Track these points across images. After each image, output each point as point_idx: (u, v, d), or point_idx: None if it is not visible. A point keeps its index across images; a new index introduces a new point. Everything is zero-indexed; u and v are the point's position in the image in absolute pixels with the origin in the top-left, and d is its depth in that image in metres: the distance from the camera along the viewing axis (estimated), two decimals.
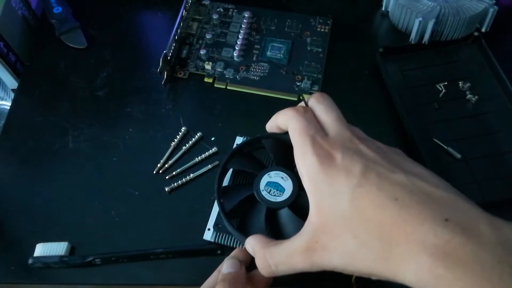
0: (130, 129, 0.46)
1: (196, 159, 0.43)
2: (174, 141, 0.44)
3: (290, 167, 0.35)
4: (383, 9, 0.53)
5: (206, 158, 0.44)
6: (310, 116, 0.31)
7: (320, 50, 0.50)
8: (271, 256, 0.30)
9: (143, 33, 0.53)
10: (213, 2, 0.54)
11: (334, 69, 0.49)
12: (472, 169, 0.42)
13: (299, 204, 0.33)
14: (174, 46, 0.48)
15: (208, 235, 0.38)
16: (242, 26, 0.51)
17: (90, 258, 0.38)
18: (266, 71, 0.49)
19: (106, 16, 0.53)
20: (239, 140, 0.42)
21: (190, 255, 0.39)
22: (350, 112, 0.46)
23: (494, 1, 0.49)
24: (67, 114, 0.47)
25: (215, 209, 0.39)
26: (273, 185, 0.34)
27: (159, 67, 0.46)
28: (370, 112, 0.46)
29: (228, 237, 0.37)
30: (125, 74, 0.49)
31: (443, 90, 0.47)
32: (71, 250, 0.39)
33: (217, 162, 0.43)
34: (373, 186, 0.27)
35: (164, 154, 0.44)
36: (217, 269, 0.36)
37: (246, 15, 0.52)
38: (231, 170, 0.39)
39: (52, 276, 0.38)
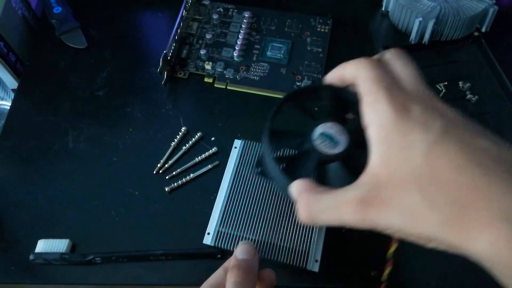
0: (130, 129, 0.46)
1: (196, 159, 0.43)
2: (174, 141, 0.44)
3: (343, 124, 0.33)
4: (383, 9, 0.53)
5: (206, 158, 0.44)
6: (385, 68, 0.29)
7: (320, 50, 0.50)
8: (317, 202, 0.28)
9: (143, 33, 0.53)
10: (213, 2, 0.54)
11: None
12: None
13: (351, 163, 0.31)
14: (174, 46, 0.48)
15: (208, 239, 0.38)
16: (242, 26, 0.51)
17: (91, 257, 0.38)
18: (266, 71, 0.49)
19: (106, 16, 0.53)
20: (237, 143, 0.42)
21: (190, 258, 0.39)
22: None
23: (494, 1, 0.49)
24: (67, 114, 0.47)
25: (215, 211, 0.39)
26: (327, 136, 0.32)
27: (159, 67, 0.46)
28: None
29: (228, 241, 0.37)
30: (125, 74, 0.49)
31: (443, 90, 0.47)
32: (72, 248, 0.39)
33: (217, 162, 0.43)
34: (454, 146, 0.25)
35: (164, 154, 0.44)
36: (222, 266, 0.36)
37: (246, 15, 0.52)
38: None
39: (52, 276, 0.38)
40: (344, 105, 0.33)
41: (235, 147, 0.42)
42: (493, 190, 0.24)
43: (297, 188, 0.29)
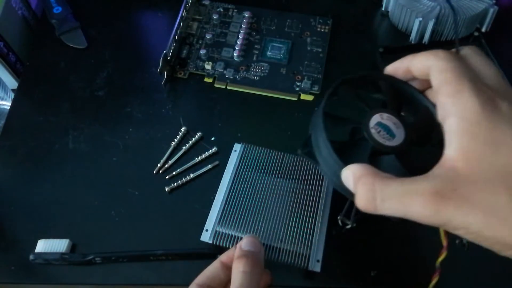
0: (130, 129, 0.46)
1: (196, 159, 0.43)
2: (174, 141, 0.44)
3: None
4: (383, 9, 0.53)
5: (206, 158, 0.44)
6: (465, 61, 0.28)
7: (320, 50, 0.50)
8: (381, 187, 0.26)
9: (143, 33, 0.53)
10: (213, 2, 0.54)
11: (334, 69, 0.49)
12: None
13: (407, 159, 0.30)
14: (174, 46, 0.48)
15: (206, 236, 0.38)
16: (242, 26, 0.51)
17: (91, 257, 0.38)
18: (266, 71, 0.49)
19: (106, 16, 0.53)
20: (237, 146, 0.43)
21: (190, 258, 0.39)
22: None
23: (494, 1, 0.49)
24: (67, 114, 0.47)
25: (214, 209, 0.39)
26: (384, 127, 0.30)
27: (159, 67, 0.46)
28: None
29: (226, 239, 0.37)
30: (125, 74, 0.49)
31: None
32: (72, 248, 0.39)
33: (217, 162, 0.43)
34: None
35: (164, 154, 0.44)
36: (218, 259, 0.35)
37: (246, 15, 0.52)
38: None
39: (52, 276, 0.38)
40: (401, 99, 0.31)
41: (235, 150, 0.43)
42: None
43: (357, 172, 0.27)
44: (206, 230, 0.38)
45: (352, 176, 0.27)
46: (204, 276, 0.34)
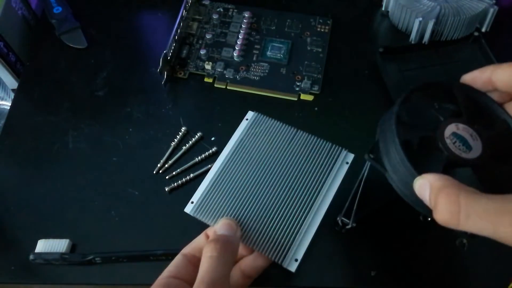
0: (130, 129, 0.46)
1: (196, 159, 0.43)
2: (174, 141, 0.44)
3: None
4: (383, 9, 0.53)
5: (206, 158, 0.44)
6: None
7: (320, 50, 0.50)
8: (468, 202, 0.24)
9: (143, 33, 0.53)
10: (213, 2, 0.54)
11: (334, 69, 0.49)
12: None
13: (484, 174, 0.28)
14: (174, 46, 0.48)
15: (189, 208, 0.36)
16: (242, 26, 0.51)
17: (91, 257, 0.38)
18: (266, 71, 0.49)
19: (106, 16, 0.53)
20: (250, 114, 0.40)
21: None
22: (350, 112, 0.47)
23: (494, 1, 0.49)
24: (67, 114, 0.47)
25: (205, 181, 0.36)
26: (460, 138, 0.28)
27: (159, 67, 0.46)
28: (370, 112, 0.46)
29: (210, 215, 0.35)
30: (125, 74, 0.49)
31: None
32: (72, 248, 0.39)
33: None
34: None
35: (164, 154, 0.44)
36: (204, 231, 0.35)
37: (246, 15, 0.52)
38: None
39: (52, 276, 0.38)
40: (478, 112, 0.30)
41: (247, 119, 0.40)
42: None
43: (437, 182, 0.25)
44: (192, 202, 0.36)
45: (430, 186, 0.25)
46: (190, 247, 0.34)
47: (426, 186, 0.25)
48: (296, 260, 0.34)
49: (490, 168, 0.28)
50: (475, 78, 0.30)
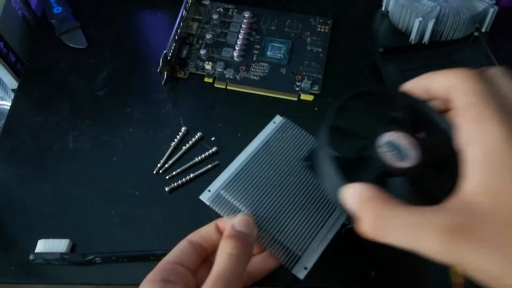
0: (130, 129, 0.46)
1: (196, 159, 0.43)
2: (174, 141, 0.44)
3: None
4: (383, 9, 0.53)
5: (206, 158, 0.44)
6: (491, 83, 0.25)
7: (320, 50, 0.50)
8: (391, 215, 0.23)
9: (143, 33, 0.53)
10: (213, 2, 0.54)
11: (334, 69, 0.49)
12: None
13: (421, 184, 0.27)
14: (174, 46, 0.48)
15: (206, 196, 0.35)
16: (242, 26, 0.51)
17: (91, 257, 0.38)
18: (266, 71, 0.49)
19: (106, 16, 0.53)
20: (278, 119, 0.39)
21: None
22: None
23: (494, 1, 0.49)
24: (67, 114, 0.47)
25: (225, 173, 0.36)
26: (395, 147, 0.28)
27: (159, 67, 0.46)
28: None
29: (225, 206, 0.34)
30: (125, 74, 0.49)
31: None
32: (72, 248, 0.39)
33: (217, 162, 0.43)
34: None
35: (164, 154, 0.44)
36: (214, 222, 0.34)
37: (246, 15, 0.52)
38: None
39: (52, 276, 0.38)
40: (419, 120, 0.29)
41: (274, 122, 0.39)
42: None
43: (363, 193, 0.24)
44: (209, 191, 0.35)
45: (357, 196, 0.25)
46: (198, 234, 0.33)
47: (352, 196, 0.25)
48: (306, 268, 0.33)
49: (425, 178, 0.27)
50: (415, 86, 0.29)
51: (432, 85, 0.28)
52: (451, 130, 0.26)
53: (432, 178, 0.27)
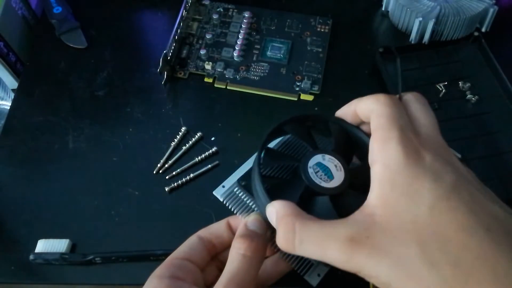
0: (130, 129, 0.46)
1: (196, 159, 0.43)
2: (174, 141, 0.44)
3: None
4: (383, 9, 0.53)
5: (206, 158, 0.44)
6: (403, 109, 0.28)
7: (320, 50, 0.50)
8: (301, 229, 0.25)
9: (143, 33, 0.53)
10: (213, 2, 0.54)
11: (334, 69, 0.49)
12: (472, 169, 0.41)
13: (342, 202, 0.29)
14: (174, 46, 0.48)
15: (219, 192, 0.34)
16: (242, 26, 0.51)
17: (91, 257, 0.38)
18: (266, 71, 0.49)
19: (106, 16, 0.53)
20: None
21: None
22: None
23: (494, 1, 0.49)
24: (67, 114, 0.47)
25: (242, 169, 0.35)
26: (323, 168, 0.30)
27: (159, 67, 0.46)
28: None
29: (239, 204, 0.33)
30: (125, 74, 0.49)
31: (443, 90, 0.47)
32: (72, 248, 0.39)
33: (217, 162, 0.43)
34: (464, 205, 0.23)
35: (164, 154, 0.44)
36: (226, 219, 0.33)
37: (246, 15, 0.52)
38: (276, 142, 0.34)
39: (52, 276, 0.38)
40: (351, 145, 0.31)
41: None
42: (501, 260, 0.21)
43: (280, 210, 0.27)
44: (223, 186, 0.34)
45: (275, 213, 0.27)
46: (208, 231, 0.33)
47: (273, 213, 0.27)
48: (319, 275, 0.33)
49: (346, 196, 0.30)
50: (345, 112, 0.31)
51: (357, 110, 0.30)
52: None
53: (352, 196, 0.29)
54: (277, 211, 0.27)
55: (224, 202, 0.34)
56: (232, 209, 0.33)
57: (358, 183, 0.30)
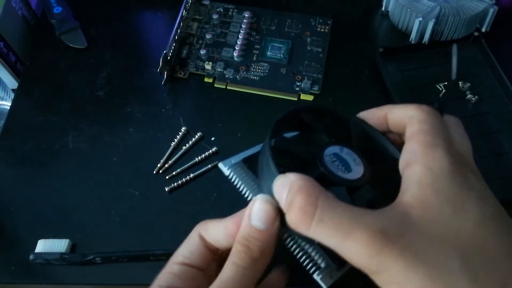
0: (130, 129, 0.46)
1: (196, 159, 0.43)
2: (174, 141, 0.44)
3: None
4: (383, 9, 0.53)
5: (206, 158, 0.44)
6: (445, 124, 0.27)
7: (320, 50, 0.50)
8: (324, 205, 0.22)
9: (143, 33, 0.53)
10: (213, 2, 0.54)
11: (334, 69, 0.49)
12: None
13: (360, 197, 0.27)
14: (174, 46, 0.48)
15: (226, 164, 0.30)
16: (242, 26, 0.51)
17: (91, 257, 0.38)
18: (266, 71, 0.49)
19: (106, 16, 0.53)
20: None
21: None
22: (350, 112, 0.47)
23: (494, 1, 0.49)
24: (67, 114, 0.47)
25: (254, 148, 0.32)
26: (341, 160, 0.28)
27: (159, 67, 0.46)
28: None
29: (243, 180, 0.30)
30: (125, 74, 0.49)
31: (443, 90, 0.47)
32: (72, 248, 0.39)
33: (217, 162, 0.43)
34: (509, 228, 0.23)
35: (164, 154, 0.44)
36: (223, 222, 0.29)
37: (246, 15, 0.52)
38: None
39: (52, 276, 0.38)
40: (367, 144, 0.29)
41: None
42: None
43: (296, 181, 0.23)
44: (231, 161, 0.31)
45: (288, 184, 0.23)
46: (207, 233, 0.30)
47: (285, 184, 0.23)
48: (331, 277, 0.28)
49: (363, 191, 0.28)
50: (373, 114, 0.30)
51: (390, 115, 0.28)
52: (398, 155, 0.27)
53: (371, 193, 0.27)
54: (290, 182, 0.23)
55: (230, 176, 0.30)
56: (239, 184, 0.30)
57: (376, 182, 0.28)
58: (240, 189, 0.29)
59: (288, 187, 0.23)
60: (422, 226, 0.22)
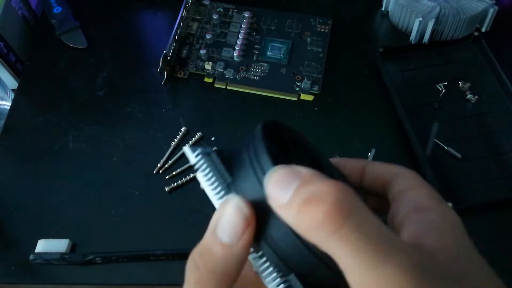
0: (130, 129, 0.46)
1: None
2: (174, 141, 0.44)
3: None
4: (383, 9, 0.53)
5: None
6: None
7: (320, 50, 0.50)
8: (363, 209, 0.17)
9: (143, 33, 0.53)
10: (213, 2, 0.54)
11: (334, 69, 0.49)
12: (472, 169, 0.42)
13: None
14: (174, 46, 0.48)
15: (194, 150, 0.21)
16: (242, 26, 0.51)
17: (91, 257, 0.38)
18: (266, 71, 0.49)
19: (106, 16, 0.53)
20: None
21: None
22: (350, 112, 0.47)
23: (494, 1, 0.49)
24: (67, 114, 0.47)
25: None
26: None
27: (159, 67, 0.46)
28: (370, 112, 0.46)
29: (218, 171, 0.22)
30: (125, 74, 0.49)
31: (443, 90, 0.47)
32: (72, 248, 0.39)
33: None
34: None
35: (164, 154, 0.44)
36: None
37: (246, 15, 0.52)
38: None
39: (52, 276, 0.38)
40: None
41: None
42: None
43: (308, 172, 0.18)
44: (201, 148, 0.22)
45: (302, 177, 0.18)
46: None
47: (293, 176, 0.18)
48: None
49: None
50: (350, 163, 0.25)
51: (369, 168, 0.25)
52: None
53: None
54: (304, 174, 0.18)
55: (196, 164, 0.21)
56: (205, 176, 0.22)
57: None
58: (208, 185, 0.22)
59: (298, 180, 0.18)
60: (449, 267, 0.19)
